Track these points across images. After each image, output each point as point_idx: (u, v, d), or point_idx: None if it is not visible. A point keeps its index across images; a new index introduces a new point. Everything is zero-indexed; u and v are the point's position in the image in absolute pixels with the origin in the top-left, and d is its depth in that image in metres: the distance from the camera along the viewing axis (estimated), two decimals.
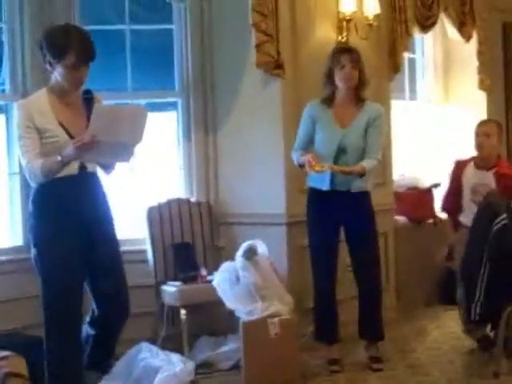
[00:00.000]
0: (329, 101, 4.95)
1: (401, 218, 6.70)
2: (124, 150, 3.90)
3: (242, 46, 5.48)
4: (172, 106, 5.85)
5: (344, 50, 4.96)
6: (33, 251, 4.07)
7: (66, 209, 3.95)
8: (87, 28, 5.33)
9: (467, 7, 7.17)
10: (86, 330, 4.27)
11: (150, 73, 5.83)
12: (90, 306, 4.28)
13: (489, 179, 5.12)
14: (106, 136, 3.73)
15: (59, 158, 3.82)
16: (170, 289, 5.14)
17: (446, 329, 5.99)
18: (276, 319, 4.67)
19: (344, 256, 5.25)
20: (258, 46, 5.24)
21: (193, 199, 5.69)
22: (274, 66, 5.32)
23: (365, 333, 5.11)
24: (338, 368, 4.94)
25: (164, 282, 5.27)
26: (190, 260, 5.40)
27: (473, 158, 5.35)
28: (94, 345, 4.26)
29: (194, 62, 5.74)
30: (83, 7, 5.47)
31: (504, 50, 8.00)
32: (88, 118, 3.84)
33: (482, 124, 5.36)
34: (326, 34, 5.77)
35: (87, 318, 4.29)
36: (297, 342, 4.81)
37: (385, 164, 6.32)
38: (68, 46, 3.87)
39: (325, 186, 4.83)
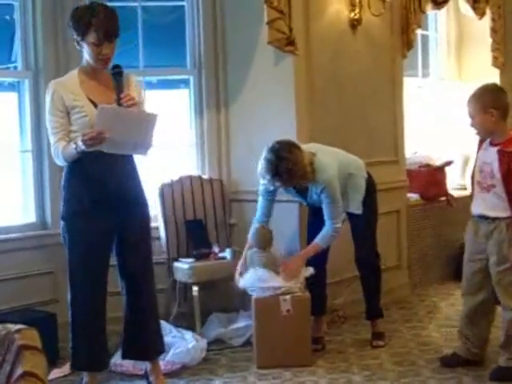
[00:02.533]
0: None
1: (413, 196, 6.69)
2: (137, 147, 3.94)
3: (254, 23, 5.45)
4: (184, 83, 5.84)
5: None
6: (61, 223, 4.11)
7: (93, 185, 3.98)
8: None
9: None
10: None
11: (161, 50, 5.82)
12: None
13: (493, 158, 4.29)
14: (113, 134, 3.79)
15: (73, 146, 3.88)
16: (183, 266, 5.16)
17: (459, 306, 5.96)
18: (288, 296, 4.67)
19: None
20: (270, 23, 5.20)
21: (205, 176, 5.69)
22: (286, 43, 5.29)
23: (365, 311, 5.19)
24: (319, 347, 4.95)
25: (176, 259, 5.29)
26: (202, 237, 5.42)
27: None
28: (127, 329, 4.26)
29: (206, 39, 5.72)
30: None
31: None
32: (118, 93, 3.91)
33: (467, 103, 4.41)
34: (338, 11, 5.74)
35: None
36: (308, 319, 4.81)
37: (397, 142, 6.32)
38: (90, 23, 3.90)
39: None
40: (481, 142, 4.51)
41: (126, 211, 4.07)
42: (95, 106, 3.93)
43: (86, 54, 4.00)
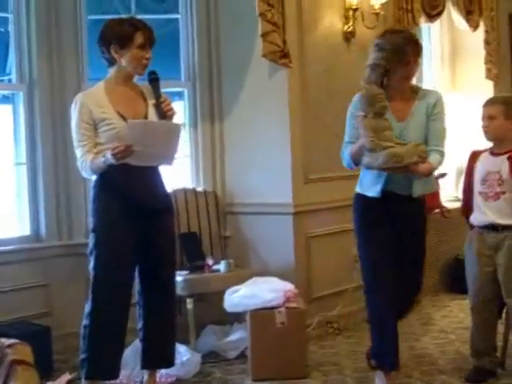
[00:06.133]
0: None
1: None
2: (164, 158, 4.05)
3: (248, 36, 5.47)
4: (178, 95, 5.85)
5: (412, 42, 4.09)
6: (90, 236, 4.13)
7: (122, 197, 4.03)
8: (94, 18, 5.40)
9: None
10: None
11: (156, 62, 5.81)
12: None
13: (502, 165, 4.30)
14: (141, 147, 3.86)
15: (102, 160, 3.94)
16: (177, 278, 5.14)
17: (453, 318, 6.00)
18: (282, 308, 4.67)
19: (350, 247, 5.27)
20: (265, 36, 5.23)
21: (199, 189, 5.70)
22: (281, 56, 5.31)
23: None
24: None
25: None
26: (196, 250, 5.42)
27: (490, 147, 4.46)
28: (149, 338, 4.29)
29: (201, 52, 5.74)
30: None
31: (511, 40, 7.99)
32: (157, 98, 4.02)
33: (486, 105, 4.40)
34: (332, 23, 5.77)
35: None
36: (303, 331, 4.81)
37: None
38: (136, 28, 4.02)
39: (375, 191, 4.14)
40: (474, 154, 4.52)
41: (155, 220, 4.12)
42: (123, 118, 4.00)
43: (126, 62, 4.04)
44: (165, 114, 4.02)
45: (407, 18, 6.33)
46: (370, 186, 4.16)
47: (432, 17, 6.77)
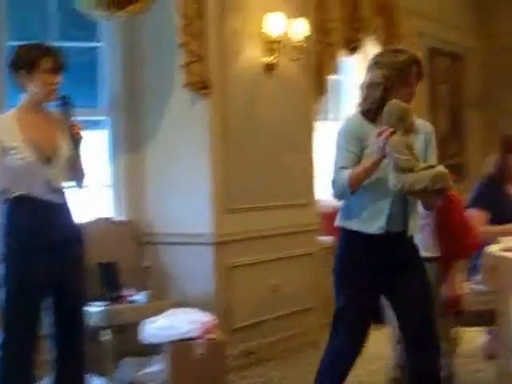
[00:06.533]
0: (373, 115, 3.63)
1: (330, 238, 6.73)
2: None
3: (170, 66, 5.48)
4: (98, 124, 5.80)
5: (415, 62, 3.69)
6: (1, 266, 4.04)
7: (26, 228, 3.96)
8: (14, 44, 5.31)
9: (394, 31, 7.33)
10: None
11: (77, 91, 5.77)
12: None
13: None
14: None
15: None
16: (95, 309, 5.07)
17: (379, 343, 6.00)
18: (201, 340, 4.65)
19: (270, 277, 5.28)
20: (186, 66, 5.26)
21: (119, 218, 5.64)
22: (202, 86, 5.34)
23: None
24: None
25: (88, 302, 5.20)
26: (115, 280, 5.34)
27: None
28: (61, 369, 4.16)
29: (122, 81, 5.72)
30: (10, 23, 5.40)
31: (429, 75, 8.19)
32: (69, 121, 3.97)
33: None
34: (253, 55, 5.82)
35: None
36: (223, 362, 4.79)
37: (309, 185, 6.35)
38: (43, 53, 3.95)
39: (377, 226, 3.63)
40: None
41: (62, 251, 4.03)
42: (33, 145, 3.92)
43: (35, 87, 3.96)
44: (74, 138, 3.98)
45: (327, 51, 6.43)
46: (365, 220, 3.66)
47: (352, 50, 6.90)
